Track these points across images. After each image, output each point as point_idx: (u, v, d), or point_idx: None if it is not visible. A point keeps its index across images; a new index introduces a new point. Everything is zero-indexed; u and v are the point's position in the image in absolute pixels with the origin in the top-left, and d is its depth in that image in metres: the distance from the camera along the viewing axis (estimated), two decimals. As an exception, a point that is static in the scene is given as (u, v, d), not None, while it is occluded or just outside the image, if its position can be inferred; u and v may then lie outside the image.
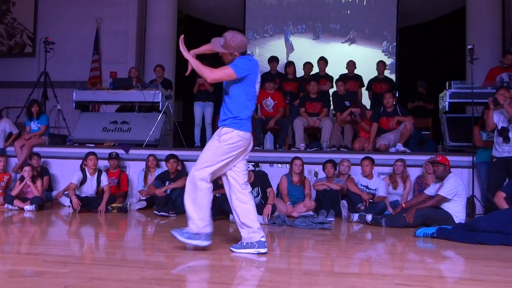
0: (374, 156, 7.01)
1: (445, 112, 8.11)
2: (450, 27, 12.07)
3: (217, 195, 6.31)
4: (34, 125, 8.38)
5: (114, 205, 6.87)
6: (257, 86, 3.97)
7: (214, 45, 3.92)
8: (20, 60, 11.78)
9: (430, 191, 5.83)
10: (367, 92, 9.66)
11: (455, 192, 5.58)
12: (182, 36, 3.99)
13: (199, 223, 3.81)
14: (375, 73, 9.68)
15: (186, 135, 9.19)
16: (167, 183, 6.84)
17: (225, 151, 3.81)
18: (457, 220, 5.49)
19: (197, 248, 3.89)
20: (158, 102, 8.55)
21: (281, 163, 7.61)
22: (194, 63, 3.86)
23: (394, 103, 7.86)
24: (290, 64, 9.57)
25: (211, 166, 3.79)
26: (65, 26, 11.44)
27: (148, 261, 3.69)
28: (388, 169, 7.18)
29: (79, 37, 11.44)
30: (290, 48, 12.48)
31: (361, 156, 7.04)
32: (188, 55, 3.89)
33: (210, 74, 3.81)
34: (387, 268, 3.61)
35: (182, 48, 3.92)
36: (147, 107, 8.87)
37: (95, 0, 11.46)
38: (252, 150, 7.86)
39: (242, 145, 3.86)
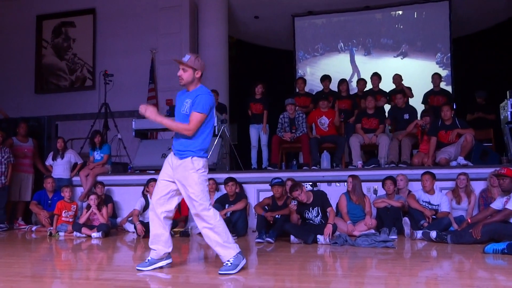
0: (434, 171, 6.83)
1: (508, 122, 7.84)
2: (507, 34, 11.70)
3: (277, 216, 6.35)
4: (97, 155, 8.72)
5: (176, 229, 6.98)
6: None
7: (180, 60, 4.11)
8: (82, 93, 12.27)
9: (497, 205, 5.62)
10: (423, 105, 9.48)
11: (524, 205, 5.35)
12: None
13: (230, 246, 3.98)
14: (430, 86, 9.50)
15: (242, 157, 9.29)
16: (226, 206, 6.93)
17: (203, 178, 4.08)
18: (528, 235, 5.25)
19: (259, 269, 3.89)
20: (214, 126, 8.70)
21: (339, 181, 7.56)
22: (167, 124, 4.21)
23: (452, 115, 7.67)
24: (343, 82, 9.53)
25: (204, 196, 4.03)
26: (122, 58, 11.87)
27: (212, 284, 3.73)
28: (450, 184, 6.98)
29: (135, 67, 11.82)
30: (355, 67, 12.41)
31: (421, 171, 6.87)
32: (158, 118, 4.24)
33: (188, 127, 4.08)
34: (456, 287, 3.49)
35: (152, 115, 4.26)
36: (204, 132, 9.02)
37: (149, 32, 11.85)
38: (309, 170, 7.96)
39: (207, 170, 4.17)
